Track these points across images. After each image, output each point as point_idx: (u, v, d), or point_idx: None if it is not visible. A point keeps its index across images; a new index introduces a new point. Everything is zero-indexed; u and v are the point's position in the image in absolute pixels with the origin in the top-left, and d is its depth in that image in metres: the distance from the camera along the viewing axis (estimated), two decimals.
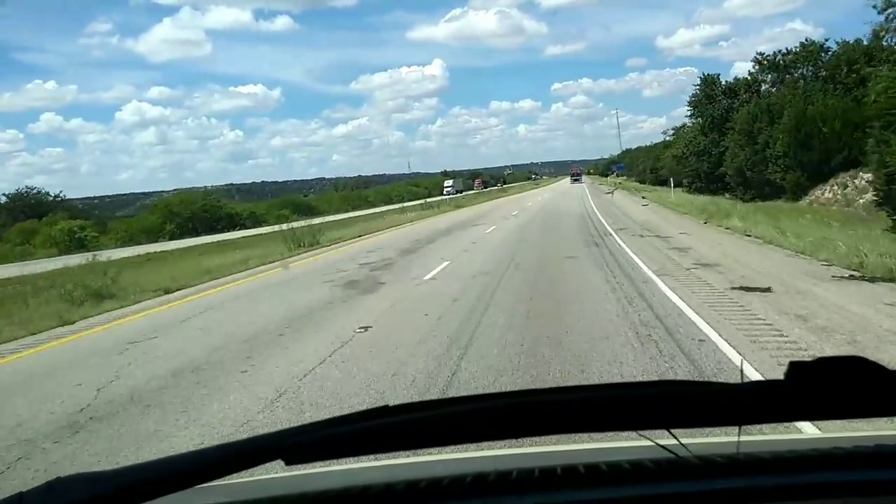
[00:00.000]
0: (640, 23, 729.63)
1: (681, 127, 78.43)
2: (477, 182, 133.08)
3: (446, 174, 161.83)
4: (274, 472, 1.13)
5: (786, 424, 0.84)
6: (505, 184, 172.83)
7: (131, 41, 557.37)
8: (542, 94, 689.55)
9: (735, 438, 0.95)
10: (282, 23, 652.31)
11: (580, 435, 0.78)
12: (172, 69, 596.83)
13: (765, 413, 0.74)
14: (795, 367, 0.70)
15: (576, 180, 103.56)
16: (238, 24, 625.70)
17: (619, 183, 77.70)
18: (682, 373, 5.26)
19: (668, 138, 79.82)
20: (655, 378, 4.91)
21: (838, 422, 0.78)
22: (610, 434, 0.88)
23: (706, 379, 4.39)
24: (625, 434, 0.83)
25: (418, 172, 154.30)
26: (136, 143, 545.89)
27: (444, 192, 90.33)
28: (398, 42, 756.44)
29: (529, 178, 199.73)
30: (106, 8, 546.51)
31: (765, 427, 1.12)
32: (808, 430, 2.81)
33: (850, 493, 0.79)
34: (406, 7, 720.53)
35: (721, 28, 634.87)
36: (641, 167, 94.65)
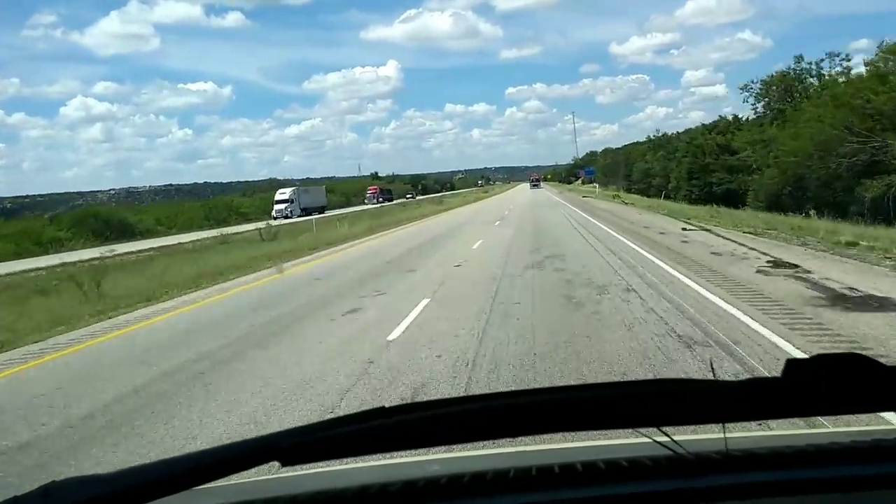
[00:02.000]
0: (594, 29, 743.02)
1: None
2: (370, 192, 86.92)
3: (376, 178, 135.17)
4: (270, 474, 1.11)
5: (783, 421, 0.84)
6: (452, 189, 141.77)
7: (77, 34, 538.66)
8: (496, 98, 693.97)
9: (732, 435, 0.97)
10: (233, 19, 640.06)
11: (576, 433, 0.78)
12: (119, 64, 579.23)
13: (762, 410, 0.75)
14: (792, 365, 0.71)
15: (535, 185, 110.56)
16: (188, 18, 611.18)
17: (618, 195, 48.95)
18: None
19: (752, 110, 45.29)
20: None
21: (835, 417, 0.79)
22: (606, 431, 0.89)
23: None
24: (620, 431, 0.83)
25: (366, 175, 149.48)
26: (82, 139, 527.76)
27: (274, 214, 54.96)
28: (352, 42, 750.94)
29: (478, 185, 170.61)
30: (52, 0, 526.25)
31: (762, 423, 1.15)
32: (805, 427, 2.79)
33: (849, 488, 0.80)
34: (360, 6, 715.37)
35: (672, 36, 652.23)
36: (639, 172, 64.54)
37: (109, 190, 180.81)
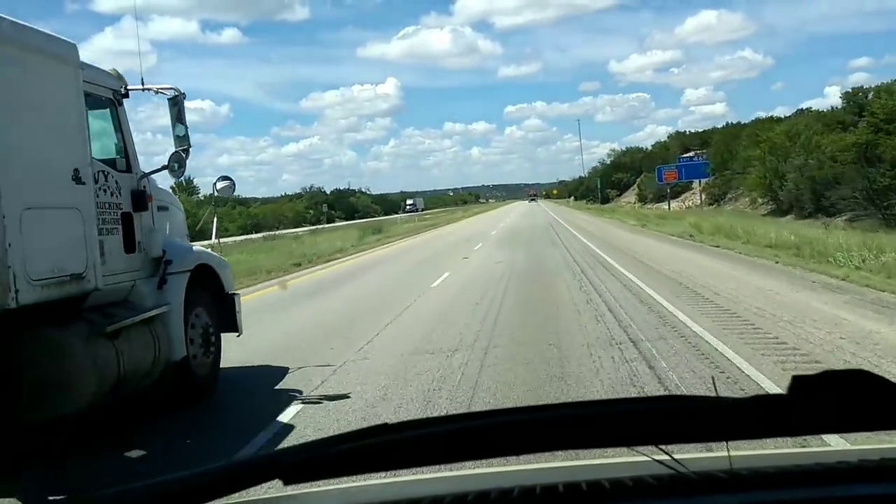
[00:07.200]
0: (593, 47, 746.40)
1: None
2: None
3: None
4: (271, 492, 1.09)
5: (788, 439, 0.83)
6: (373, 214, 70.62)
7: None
8: (496, 116, 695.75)
9: (737, 453, 0.96)
10: (229, 35, 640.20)
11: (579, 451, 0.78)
12: None
13: (766, 427, 0.73)
14: (798, 381, 0.69)
15: (532, 200, 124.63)
16: (184, 35, 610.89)
17: None
18: None
19: None
20: None
21: (841, 435, 0.77)
22: (606, 449, 0.89)
23: None
24: (621, 449, 0.82)
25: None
26: None
27: None
28: (350, 59, 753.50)
29: (405, 208, 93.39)
30: (42, 14, 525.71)
31: (767, 441, 1.13)
32: (811, 445, 2.70)
33: None
34: (357, 23, 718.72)
35: (673, 54, 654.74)
36: None
37: None
